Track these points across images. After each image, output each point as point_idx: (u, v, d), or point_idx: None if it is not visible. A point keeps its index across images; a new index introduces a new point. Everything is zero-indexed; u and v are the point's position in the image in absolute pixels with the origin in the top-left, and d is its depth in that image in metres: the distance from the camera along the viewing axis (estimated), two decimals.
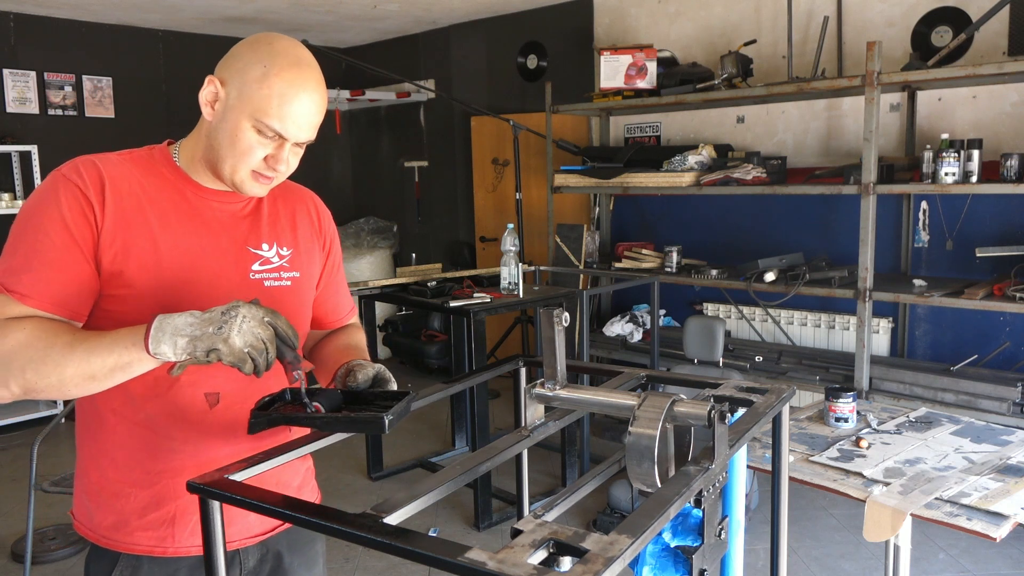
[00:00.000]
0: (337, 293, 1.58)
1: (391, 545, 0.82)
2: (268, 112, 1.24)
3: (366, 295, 4.11)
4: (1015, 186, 3.34)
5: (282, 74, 1.24)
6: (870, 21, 4.22)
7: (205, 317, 1.12)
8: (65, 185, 1.24)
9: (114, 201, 1.25)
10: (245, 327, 1.11)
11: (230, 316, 1.11)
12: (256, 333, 1.12)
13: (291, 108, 1.24)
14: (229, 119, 1.26)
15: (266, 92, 1.23)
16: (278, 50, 1.26)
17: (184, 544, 1.35)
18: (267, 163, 1.29)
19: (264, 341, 1.13)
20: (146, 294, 1.26)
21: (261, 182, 1.32)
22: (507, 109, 5.75)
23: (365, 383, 1.29)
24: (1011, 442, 2.33)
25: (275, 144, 1.28)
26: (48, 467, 4.37)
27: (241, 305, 1.13)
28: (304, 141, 1.30)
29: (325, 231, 1.53)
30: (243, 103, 1.24)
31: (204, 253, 1.32)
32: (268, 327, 1.14)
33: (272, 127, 1.25)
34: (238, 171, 1.29)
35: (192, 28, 6.29)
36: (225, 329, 1.10)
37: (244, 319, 1.12)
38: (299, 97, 1.25)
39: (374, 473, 4.27)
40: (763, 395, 1.23)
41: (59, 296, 1.21)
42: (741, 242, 4.76)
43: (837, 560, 3.30)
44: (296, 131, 1.27)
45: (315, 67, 1.29)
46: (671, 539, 1.07)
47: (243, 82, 1.25)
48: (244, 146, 1.26)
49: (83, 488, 1.38)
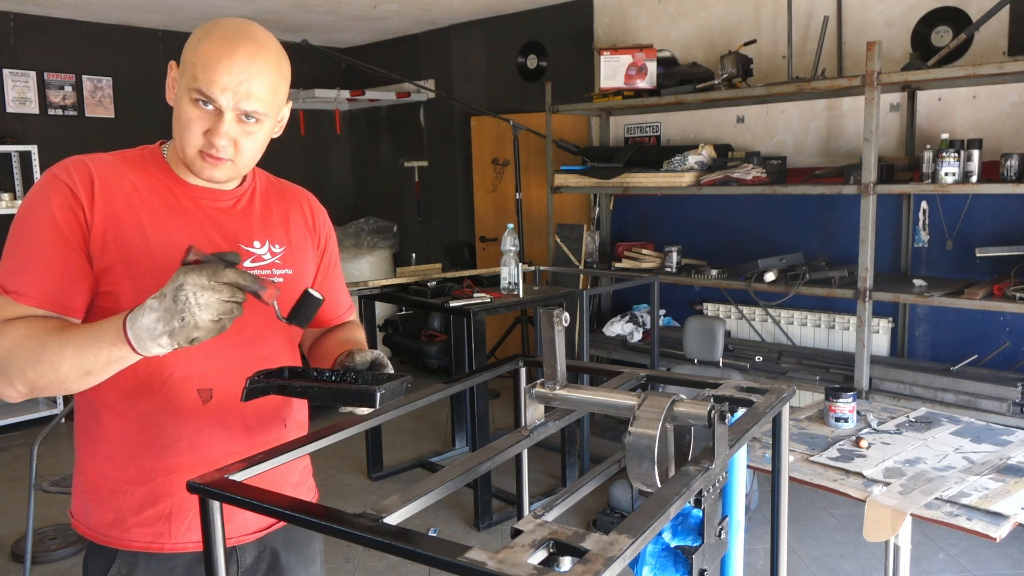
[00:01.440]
0: (334, 291, 1.58)
1: (391, 545, 0.82)
2: (197, 77, 1.23)
3: (366, 295, 4.11)
4: (1015, 186, 3.34)
5: (215, 40, 1.24)
6: (870, 21, 4.22)
7: (164, 308, 1.09)
8: (55, 184, 1.26)
9: (103, 199, 1.27)
10: (202, 302, 1.08)
11: (181, 301, 1.08)
12: (213, 303, 1.09)
13: (217, 69, 1.22)
14: (178, 98, 1.27)
15: (195, 60, 1.23)
16: (219, 24, 1.27)
17: (180, 540, 1.35)
18: (208, 139, 1.26)
19: (229, 302, 1.10)
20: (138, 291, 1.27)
21: (208, 161, 1.29)
22: (507, 109, 5.76)
23: (363, 364, 1.31)
24: (1011, 442, 2.33)
25: (213, 116, 1.25)
26: (48, 467, 4.37)
27: (184, 280, 1.08)
28: (244, 111, 1.26)
29: (319, 228, 1.54)
30: (183, 76, 1.26)
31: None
32: (220, 287, 1.09)
33: (202, 92, 1.23)
34: (186, 151, 1.29)
35: (192, 28, 6.22)
36: (188, 317, 1.08)
37: (195, 296, 1.07)
38: (227, 58, 1.22)
39: (374, 473, 4.27)
40: (763, 395, 1.23)
41: (54, 293, 1.23)
42: (741, 242, 4.76)
43: (837, 560, 3.30)
44: (225, 96, 1.23)
45: (255, 38, 1.26)
46: (671, 539, 1.07)
47: (184, 57, 1.26)
48: (184, 120, 1.26)
49: (81, 486, 1.39)
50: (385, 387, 1.14)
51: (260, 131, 1.31)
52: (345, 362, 1.33)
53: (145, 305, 1.11)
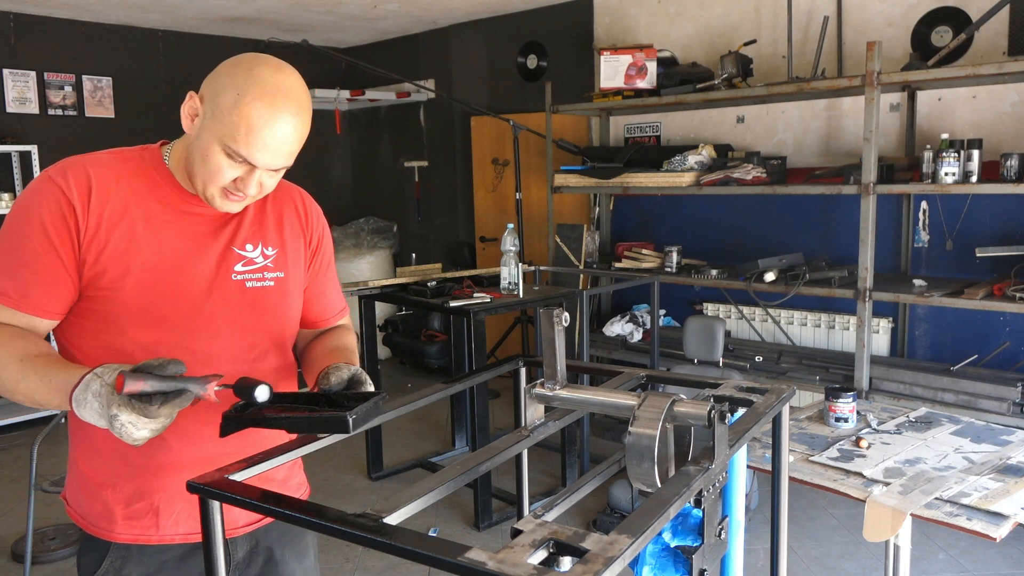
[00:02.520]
0: (327, 292, 1.58)
1: (391, 545, 0.82)
2: (236, 139, 1.23)
3: (366, 295, 4.10)
4: (1015, 186, 3.34)
5: (253, 103, 1.22)
6: (870, 21, 4.22)
7: (101, 416, 1.10)
8: (51, 189, 1.27)
9: (99, 204, 1.28)
10: (136, 432, 1.08)
11: (116, 428, 1.08)
12: (146, 430, 1.09)
13: (259, 137, 1.23)
14: (203, 138, 1.26)
15: (235, 119, 1.22)
16: (255, 77, 1.24)
17: (168, 533, 1.38)
18: (236, 185, 1.29)
19: (148, 420, 1.08)
20: (129, 294, 1.29)
21: (232, 200, 1.32)
22: (507, 109, 5.75)
23: (339, 385, 1.29)
24: (1011, 442, 2.33)
25: (245, 169, 1.27)
26: (48, 467, 4.37)
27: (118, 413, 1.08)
28: (277, 168, 1.30)
29: (312, 226, 1.53)
30: (215, 125, 1.24)
31: (187, 254, 1.34)
32: (154, 420, 1.09)
33: (240, 154, 1.24)
34: (208, 188, 1.30)
35: (192, 28, 6.29)
36: (124, 435, 1.09)
37: (130, 426, 1.08)
38: (268, 127, 1.23)
39: (374, 473, 4.27)
40: (763, 395, 1.23)
41: (34, 297, 1.26)
42: (741, 242, 4.76)
43: (837, 560, 3.30)
44: (264, 159, 1.26)
45: (293, 95, 1.26)
46: (671, 539, 1.07)
47: (216, 105, 1.24)
48: (213, 166, 1.27)
49: (73, 477, 1.43)
50: (356, 411, 1.11)
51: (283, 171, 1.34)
52: (320, 384, 1.31)
53: (87, 399, 1.11)
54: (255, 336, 1.41)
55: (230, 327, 1.37)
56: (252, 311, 1.40)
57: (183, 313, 1.32)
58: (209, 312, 1.35)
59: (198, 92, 1.29)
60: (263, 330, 1.42)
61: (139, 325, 1.30)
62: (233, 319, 1.38)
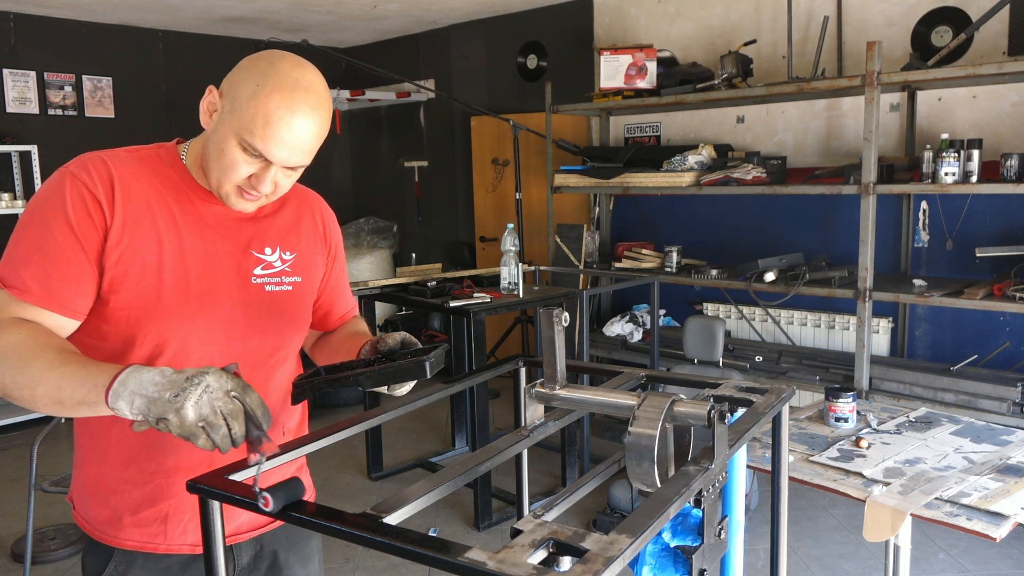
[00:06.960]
0: (340, 296, 1.58)
1: (391, 545, 0.82)
2: (253, 132, 1.21)
3: (366, 295, 4.11)
4: (1015, 186, 3.34)
5: (272, 95, 1.20)
6: (870, 21, 4.22)
7: (170, 379, 1.02)
8: (73, 183, 1.23)
9: (123, 201, 1.25)
10: (204, 399, 1.00)
11: (193, 384, 1.00)
12: (216, 406, 1.00)
13: (276, 131, 1.21)
14: (219, 132, 1.24)
15: (252, 111, 1.20)
16: (276, 70, 1.22)
17: (176, 542, 1.36)
18: (250, 182, 1.27)
19: (224, 416, 1.01)
20: (149, 295, 1.26)
21: (246, 198, 1.30)
22: (507, 109, 5.76)
23: (395, 345, 1.32)
24: (1011, 442, 2.33)
25: (260, 164, 1.25)
26: (48, 467, 4.37)
27: (210, 372, 1.02)
28: (294, 165, 1.27)
29: (330, 237, 1.53)
30: (232, 118, 1.22)
31: (207, 256, 1.31)
32: (233, 401, 1.02)
33: (256, 147, 1.22)
34: (223, 185, 1.28)
35: (192, 28, 6.29)
36: (181, 398, 0.99)
37: (207, 389, 1.00)
38: (286, 121, 1.20)
39: (374, 473, 4.27)
40: (763, 395, 1.23)
41: (57, 294, 1.21)
42: (741, 242, 4.76)
43: (837, 560, 3.30)
44: (281, 155, 1.23)
45: (313, 91, 1.23)
46: (671, 539, 1.07)
47: (235, 97, 1.22)
48: (228, 161, 1.24)
49: (80, 482, 1.40)
50: (432, 355, 1.17)
51: (300, 171, 1.32)
52: (377, 346, 1.33)
53: (161, 367, 1.06)
54: (275, 339, 1.39)
55: (250, 330, 1.35)
56: (271, 315, 1.38)
57: (206, 316, 1.30)
58: (230, 315, 1.33)
59: (218, 87, 1.27)
60: (281, 333, 1.40)
61: (160, 328, 1.27)
62: (254, 322, 1.36)
